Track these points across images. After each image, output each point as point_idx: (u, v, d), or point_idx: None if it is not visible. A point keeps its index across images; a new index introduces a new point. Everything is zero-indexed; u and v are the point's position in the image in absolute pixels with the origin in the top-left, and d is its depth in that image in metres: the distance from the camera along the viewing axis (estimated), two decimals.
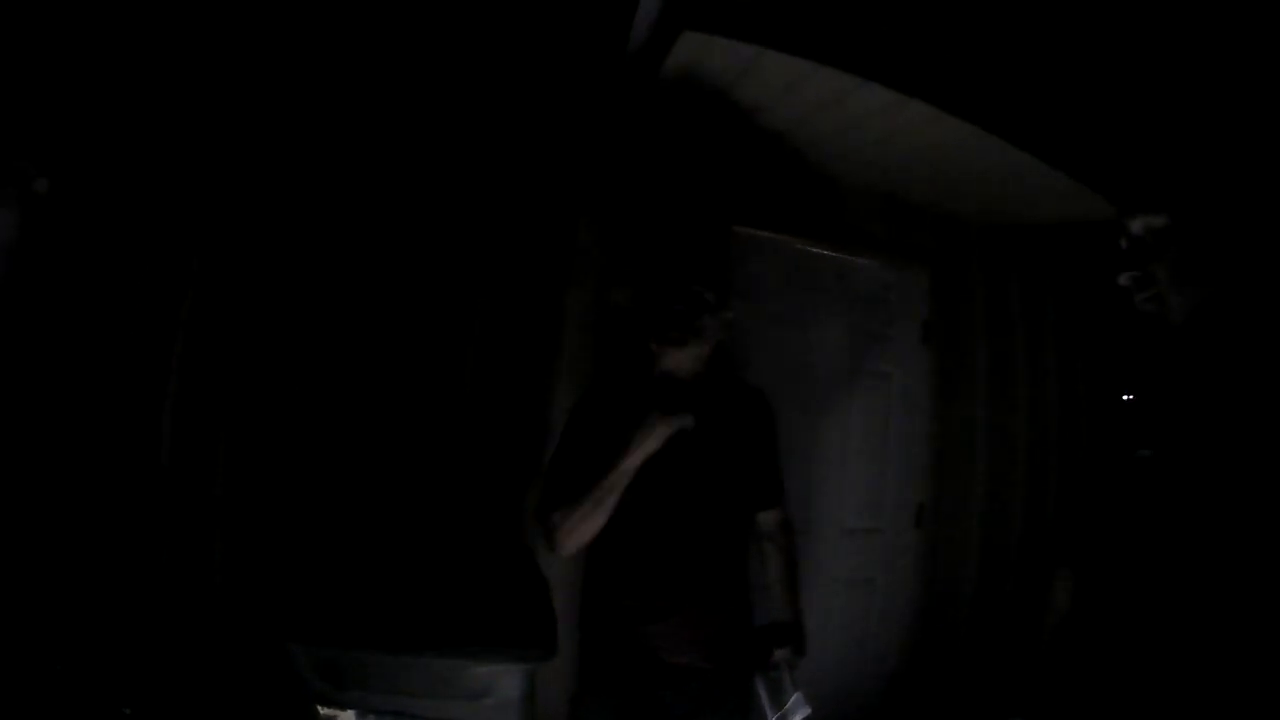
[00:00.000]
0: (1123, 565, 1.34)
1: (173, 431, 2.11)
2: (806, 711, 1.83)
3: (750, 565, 2.03)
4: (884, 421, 3.26)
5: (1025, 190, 2.92)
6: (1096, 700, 1.31)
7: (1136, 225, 1.35)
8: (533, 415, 2.53)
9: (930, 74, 2.35)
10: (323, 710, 1.78)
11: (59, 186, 1.29)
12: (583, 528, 1.81)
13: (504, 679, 1.94)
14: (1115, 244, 1.41)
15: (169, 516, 1.29)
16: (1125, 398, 1.50)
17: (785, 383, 2.90)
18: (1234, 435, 1.21)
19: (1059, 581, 1.55)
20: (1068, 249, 3.36)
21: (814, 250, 3.13)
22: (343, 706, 1.78)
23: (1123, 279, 1.37)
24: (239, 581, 2.27)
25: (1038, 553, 3.11)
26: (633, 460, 1.78)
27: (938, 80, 2.36)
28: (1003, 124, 2.49)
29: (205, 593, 2.20)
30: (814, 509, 3.00)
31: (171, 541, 1.30)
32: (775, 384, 2.36)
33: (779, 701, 1.84)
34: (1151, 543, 1.28)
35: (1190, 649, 1.20)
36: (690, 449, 1.88)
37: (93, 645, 1.12)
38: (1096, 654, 1.34)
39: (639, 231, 2.63)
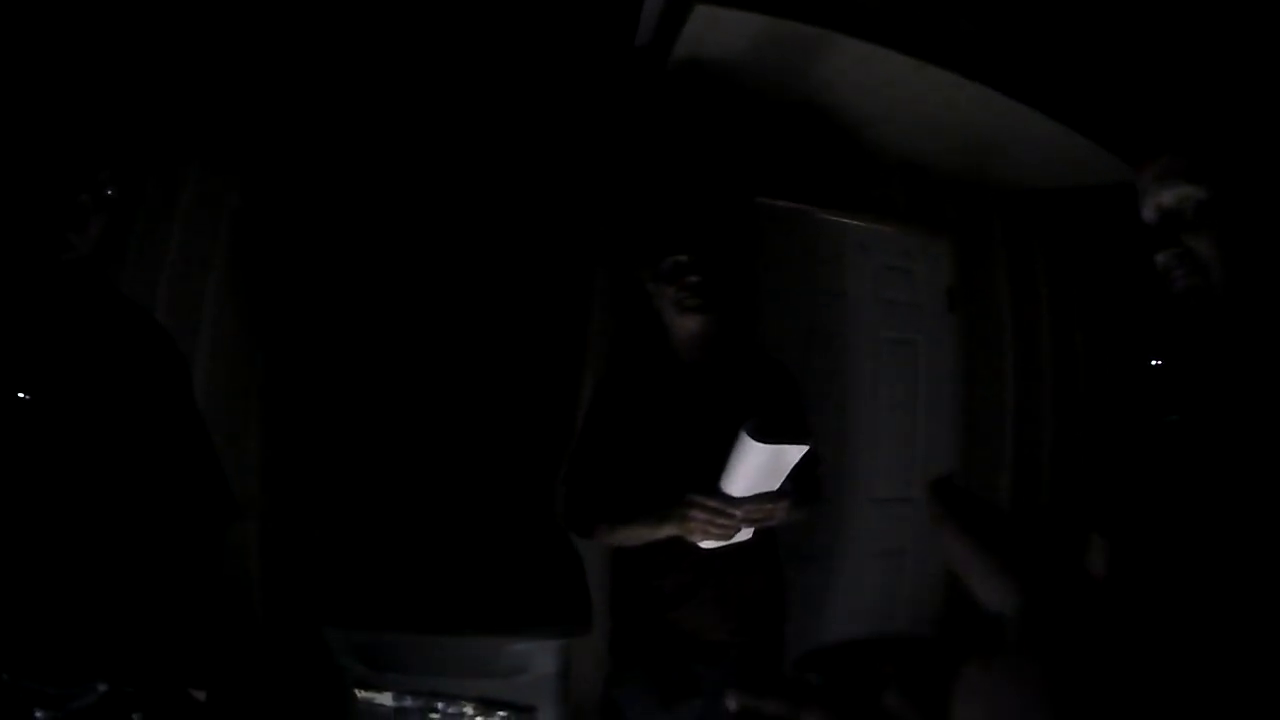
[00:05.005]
0: (1156, 532, 1.32)
1: (209, 420, 2.15)
2: None
3: (779, 535, 2.03)
4: (911, 390, 3.24)
5: (1045, 154, 2.87)
6: (1130, 667, 1.30)
7: (1167, 197, 1.22)
8: (562, 394, 2.54)
9: (948, 38, 2.31)
10: (360, 693, 1.81)
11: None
12: (611, 543, 1.94)
13: (539, 655, 1.97)
14: (1136, 216, 1.33)
15: (206, 506, 1.30)
16: (1154, 362, 1.46)
17: (812, 353, 2.88)
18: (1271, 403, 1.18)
19: (1092, 548, 1.53)
20: (1089, 212, 3.30)
21: (837, 220, 3.10)
22: (380, 688, 1.81)
23: (1160, 259, 1.22)
24: (275, 567, 2.31)
25: (1068, 519, 3.08)
26: (654, 535, 1.79)
27: (956, 45, 2.32)
28: (1021, 87, 2.44)
29: (242, 579, 2.24)
30: (842, 479, 3.00)
31: (208, 532, 1.32)
32: (801, 355, 2.34)
33: None
34: (1184, 509, 1.27)
35: (1227, 615, 1.19)
36: (712, 423, 1.88)
37: (149, 647, 1.15)
38: (1131, 621, 1.32)
39: (658, 206, 2.62)
